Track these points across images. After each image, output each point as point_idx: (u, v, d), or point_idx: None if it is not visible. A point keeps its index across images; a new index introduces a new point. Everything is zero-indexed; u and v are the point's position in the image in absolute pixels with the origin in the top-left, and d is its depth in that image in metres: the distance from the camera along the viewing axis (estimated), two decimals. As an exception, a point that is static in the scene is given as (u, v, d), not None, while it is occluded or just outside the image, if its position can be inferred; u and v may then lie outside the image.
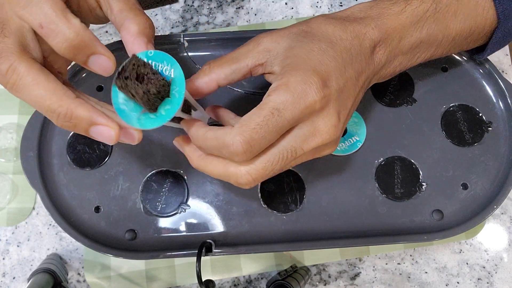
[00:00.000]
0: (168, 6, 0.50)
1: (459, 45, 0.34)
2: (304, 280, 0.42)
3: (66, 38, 0.23)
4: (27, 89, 0.24)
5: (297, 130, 0.27)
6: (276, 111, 0.25)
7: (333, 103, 0.28)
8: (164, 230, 0.37)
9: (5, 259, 0.45)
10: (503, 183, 0.37)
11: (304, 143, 0.27)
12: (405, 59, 0.33)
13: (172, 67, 0.26)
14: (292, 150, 0.27)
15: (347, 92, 0.29)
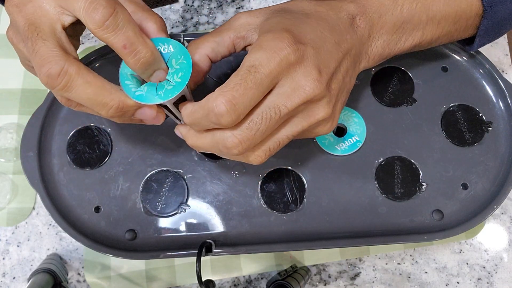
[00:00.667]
0: (168, 6, 0.50)
1: (448, 32, 0.34)
2: (304, 280, 0.42)
3: (143, 57, 0.26)
4: (79, 89, 0.26)
5: (278, 88, 0.27)
6: (253, 68, 0.26)
7: (310, 58, 0.27)
8: (164, 230, 0.37)
9: (5, 259, 0.45)
10: (503, 183, 0.37)
11: (287, 100, 0.27)
12: (392, 41, 0.33)
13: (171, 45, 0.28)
14: (276, 108, 0.27)
15: (327, 52, 0.28)
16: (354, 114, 0.39)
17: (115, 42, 0.25)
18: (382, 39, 0.32)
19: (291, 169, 0.38)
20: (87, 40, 0.49)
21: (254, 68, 0.26)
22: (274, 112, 0.27)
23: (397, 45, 0.33)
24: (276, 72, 0.26)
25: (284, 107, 0.27)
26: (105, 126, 0.39)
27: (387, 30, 0.32)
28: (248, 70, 0.26)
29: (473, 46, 0.37)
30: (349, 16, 0.31)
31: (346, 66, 0.30)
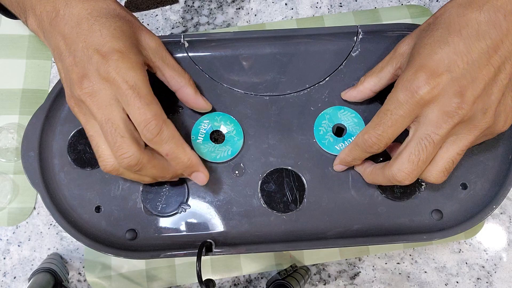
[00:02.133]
0: (169, 7, 0.50)
1: None
2: (304, 280, 0.42)
3: (181, 162, 0.33)
4: (147, 172, 0.32)
5: (424, 117, 0.30)
6: (388, 111, 0.31)
7: (448, 86, 0.29)
8: (165, 229, 0.37)
9: (6, 259, 0.45)
10: (502, 183, 0.37)
11: (437, 128, 0.29)
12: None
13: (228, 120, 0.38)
14: (427, 138, 0.30)
15: (472, 66, 0.29)
16: (354, 114, 0.39)
17: (160, 151, 0.32)
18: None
19: (291, 169, 0.38)
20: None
21: (390, 112, 0.30)
22: (428, 141, 0.30)
23: None
24: (412, 111, 0.30)
25: (435, 134, 0.30)
26: (106, 126, 0.39)
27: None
28: (385, 113, 0.31)
29: None
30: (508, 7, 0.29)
31: (510, 63, 0.29)
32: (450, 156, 0.31)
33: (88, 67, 0.30)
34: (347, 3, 0.51)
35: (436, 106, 0.29)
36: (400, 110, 0.30)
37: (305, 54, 0.41)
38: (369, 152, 0.33)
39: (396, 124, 0.31)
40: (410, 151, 0.31)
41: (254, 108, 0.40)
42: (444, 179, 0.32)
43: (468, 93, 0.29)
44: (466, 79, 0.29)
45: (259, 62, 0.40)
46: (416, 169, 0.31)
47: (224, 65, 0.40)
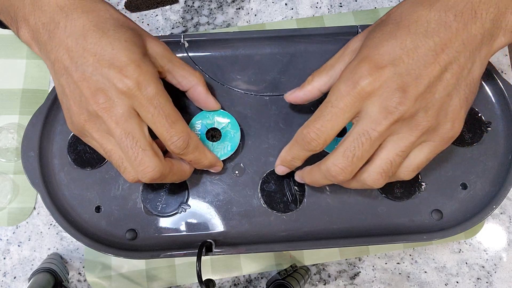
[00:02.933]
0: (169, 7, 0.50)
1: None
2: (304, 280, 0.42)
3: (203, 165, 0.35)
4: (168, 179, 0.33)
5: (364, 113, 0.29)
6: (329, 103, 0.29)
7: (391, 80, 0.28)
8: (165, 229, 0.37)
9: (6, 259, 0.45)
10: (502, 183, 0.37)
11: (375, 124, 0.28)
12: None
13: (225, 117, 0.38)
14: (365, 134, 0.28)
15: (416, 63, 0.28)
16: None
17: (186, 159, 0.34)
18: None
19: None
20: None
21: (331, 104, 0.29)
22: (365, 137, 0.28)
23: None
24: (353, 104, 0.28)
25: (373, 131, 0.28)
26: (106, 126, 0.39)
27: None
28: (325, 105, 0.29)
29: None
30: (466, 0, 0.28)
31: (459, 62, 0.28)
32: (388, 156, 0.29)
33: (102, 82, 0.29)
34: (347, 3, 0.51)
35: (377, 100, 0.28)
36: (340, 102, 0.29)
37: (305, 54, 0.41)
38: (308, 150, 0.31)
39: (336, 118, 0.29)
40: (346, 146, 0.29)
41: (254, 108, 0.40)
42: (382, 182, 0.30)
43: (411, 89, 0.27)
44: (410, 75, 0.28)
45: (259, 62, 0.40)
46: (351, 165, 0.29)
47: (224, 65, 0.40)
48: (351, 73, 0.29)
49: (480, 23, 0.28)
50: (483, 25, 0.28)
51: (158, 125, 0.31)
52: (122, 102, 0.30)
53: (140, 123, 0.31)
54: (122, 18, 0.32)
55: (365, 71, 0.28)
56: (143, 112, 0.30)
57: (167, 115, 0.31)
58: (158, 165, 0.31)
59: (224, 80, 0.40)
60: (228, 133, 0.38)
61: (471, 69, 0.29)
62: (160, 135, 0.31)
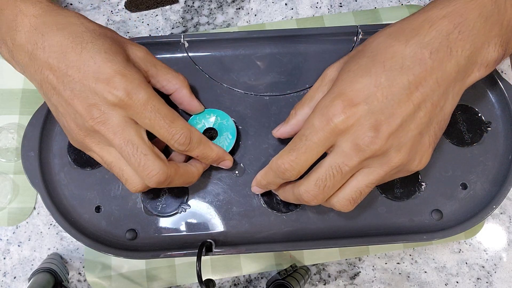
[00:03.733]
0: (169, 7, 0.50)
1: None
2: (304, 280, 0.42)
3: (211, 159, 0.35)
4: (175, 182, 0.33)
5: (337, 147, 0.29)
6: (304, 137, 0.30)
7: (364, 118, 0.28)
8: (165, 229, 0.37)
9: (6, 259, 0.45)
10: (502, 183, 0.37)
11: (347, 159, 0.29)
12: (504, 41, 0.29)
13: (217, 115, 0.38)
14: (337, 167, 0.29)
15: (390, 100, 0.28)
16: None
17: (191, 155, 0.34)
18: (494, 42, 0.29)
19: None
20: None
21: (305, 137, 0.29)
22: (336, 170, 0.29)
23: (510, 45, 0.30)
24: (326, 139, 0.29)
25: (344, 165, 0.29)
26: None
27: (497, 32, 0.29)
28: (300, 138, 0.30)
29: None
30: (443, 35, 0.28)
31: (432, 101, 0.28)
32: (358, 186, 0.30)
33: (92, 97, 0.30)
34: (347, 3, 0.51)
35: (350, 137, 0.28)
36: (314, 137, 0.29)
37: (305, 54, 0.41)
38: (283, 178, 0.31)
39: (310, 151, 0.29)
40: (318, 176, 0.30)
41: (254, 108, 0.40)
42: (351, 208, 0.31)
43: (383, 128, 0.28)
44: (383, 114, 0.28)
45: (259, 62, 0.40)
46: (322, 194, 0.30)
47: (224, 65, 0.40)
48: (326, 108, 0.29)
49: (455, 60, 0.28)
50: (458, 62, 0.28)
51: (157, 128, 0.31)
52: (116, 113, 0.30)
53: (138, 129, 0.31)
54: (98, 28, 0.32)
55: (339, 108, 0.28)
56: (140, 118, 0.30)
57: (164, 116, 0.31)
58: (163, 168, 0.31)
59: (224, 80, 0.40)
60: (221, 125, 0.38)
61: (443, 106, 0.29)
62: (161, 137, 0.31)
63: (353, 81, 0.29)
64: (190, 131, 0.32)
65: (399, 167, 0.30)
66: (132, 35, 0.49)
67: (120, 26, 0.50)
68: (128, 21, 0.50)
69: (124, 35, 0.49)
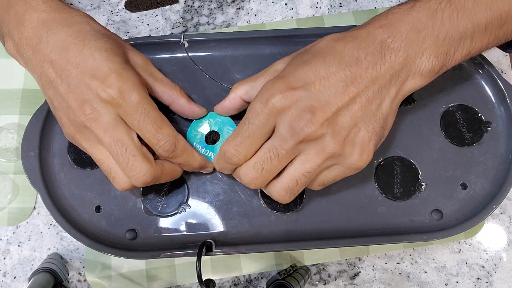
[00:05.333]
0: (169, 7, 0.50)
1: (496, 37, 0.33)
2: (304, 280, 0.42)
3: (193, 167, 0.35)
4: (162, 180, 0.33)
5: (276, 131, 0.30)
6: (246, 120, 0.31)
7: (301, 101, 0.29)
8: (165, 229, 0.37)
9: (6, 259, 0.45)
10: (502, 183, 0.37)
11: (282, 142, 0.30)
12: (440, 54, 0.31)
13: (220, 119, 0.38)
14: (273, 150, 0.30)
15: (327, 90, 0.29)
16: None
17: (175, 162, 0.34)
18: (428, 53, 0.31)
19: (291, 169, 0.38)
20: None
21: (248, 121, 0.30)
22: (273, 153, 0.30)
23: (448, 58, 0.32)
24: (266, 121, 0.30)
25: (280, 148, 0.30)
26: (106, 126, 0.39)
27: (430, 44, 0.31)
28: (243, 123, 0.31)
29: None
30: (377, 42, 0.30)
31: (367, 96, 0.30)
32: (295, 174, 0.31)
33: (86, 93, 0.30)
34: (347, 3, 0.51)
35: (286, 119, 0.29)
36: (256, 120, 0.30)
37: (305, 54, 0.41)
38: (231, 164, 0.32)
39: (253, 134, 0.30)
40: (256, 159, 0.31)
41: (254, 108, 0.40)
42: (287, 198, 0.31)
43: (318, 113, 0.29)
44: (319, 101, 0.29)
45: (259, 62, 0.40)
46: (260, 177, 0.31)
47: (224, 65, 0.40)
48: (265, 90, 0.30)
49: (389, 64, 0.30)
50: (392, 66, 0.30)
51: (144, 131, 0.31)
52: (108, 111, 0.30)
53: (128, 130, 0.31)
54: (102, 29, 0.33)
55: (277, 89, 0.30)
56: (129, 119, 0.31)
57: (153, 121, 0.31)
58: (150, 169, 0.31)
59: (224, 80, 0.40)
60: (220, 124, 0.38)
61: (380, 105, 0.31)
62: (147, 141, 0.32)
63: (294, 70, 0.31)
64: (176, 139, 0.32)
65: (335, 157, 0.30)
66: (132, 35, 0.49)
67: (120, 26, 0.50)
68: (128, 21, 0.50)
69: (124, 35, 0.49)
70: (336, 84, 0.29)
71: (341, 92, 0.29)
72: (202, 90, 0.40)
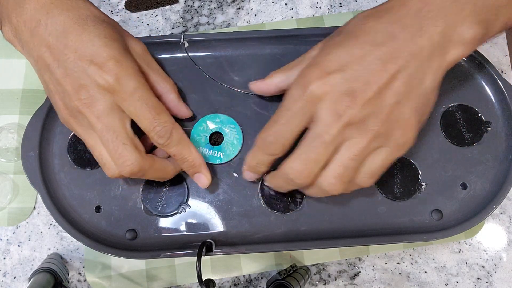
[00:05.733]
0: (169, 7, 0.50)
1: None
2: (304, 280, 0.42)
3: (187, 162, 0.34)
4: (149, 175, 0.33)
5: (316, 117, 0.29)
6: (284, 107, 0.30)
7: (338, 85, 0.29)
8: (165, 229, 0.37)
9: (6, 259, 0.45)
10: (502, 183, 0.37)
11: (327, 128, 0.29)
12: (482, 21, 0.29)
13: None
14: (319, 137, 0.29)
15: (364, 70, 0.29)
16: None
17: (169, 152, 0.33)
18: (469, 21, 0.29)
19: (291, 169, 0.38)
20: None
21: (285, 108, 0.30)
22: (318, 141, 0.29)
23: (489, 25, 0.30)
24: (304, 108, 0.29)
25: (325, 134, 0.29)
26: (106, 126, 0.39)
27: (470, 12, 0.29)
28: (281, 110, 0.31)
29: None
30: (412, 13, 0.29)
31: (408, 71, 0.29)
32: (342, 160, 0.30)
33: (83, 78, 0.30)
34: (347, 3, 0.51)
35: (327, 104, 0.29)
36: (293, 106, 0.30)
37: (305, 54, 0.41)
38: (269, 154, 0.32)
39: (291, 122, 0.30)
40: (301, 150, 0.30)
41: (254, 108, 0.40)
42: (339, 187, 0.31)
43: (359, 94, 0.28)
44: (358, 81, 0.28)
45: (259, 62, 0.40)
46: (307, 168, 0.30)
47: (224, 65, 0.40)
48: (302, 77, 0.30)
49: (427, 36, 0.29)
50: (430, 38, 0.29)
51: (142, 117, 0.31)
52: (104, 98, 0.30)
53: (122, 117, 0.31)
54: (102, 15, 0.33)
55: (314, 75, 0.29)
56: (126, 106, 0.31)
57: (150, 107, 0.31)
58: (138, 159, 0.31)
59: (224, 80, 0.40)
60: (230, 139, 0.38)
61: (422, 80, 0.29)
62: (144, 127, 0.32)
63: (328, 52, 0.30)
64: (173, 126, 0.32)
65: (381, 138, 0.29)
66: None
67: (120, 26, 0.50)
68: (128, 21, 0.50)
69: (124, 35, 0.49)
70: (373, 62, 0.28)
71: (379, 69, 0.28)
72: (202, 90, 0.40)
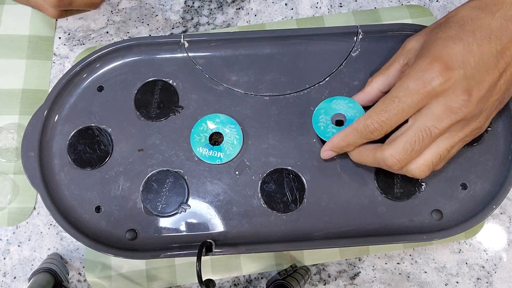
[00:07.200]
0: (169, 7, 0.50)
1: None
2: (304, 280, 0.42)
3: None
4: (77, 4, 0.39)
5: (427, 109, 0.30)
6: (396, 98, 0.30)
7: (459, 82, 0.29)
8: (165, 230, 0.37)
9: (6, 259, 0.45)
10: (502, 183, 0.37)
11: (438, 122, 0.30)
12: None
13: None
14: (427, 130, 0.30)
15: (481, 67, 0.29)
16: (347, 101, 0.39)
17: None
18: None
19: (291, 169, 0.38)
20: (87, 40, 0.49)
21: (398, 99, 0.30)
22: (426, 133, 0.30)
23: None
24: (420, 101, 0.30)
25: (434, 128, 0.30)
26: (106, 126, 0.39)
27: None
28: (392, 100, 0.30)
29: None
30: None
31: (510, 71, 0.30)
32: (439, 150, 0.31)
33: None
34: (347, 3, 0.51)
35: (443, 100, 0.29)
36: (408, 99, 0.30)
37: (305, 54, 0.41)
38: (367, 138, 0.33)
39: (402, 113, 0.30)
40: (406, 140, 0.31)
41: (254, 108, 0.40)
42: (427, 173, 0.32)
43: (474, 92, 0.29)
44: (475, 79, 0.29)
45: (259, 62, 0.40)
46: (408, 158, 0.31)
47: (224, 65, 0.40)
48: (422, 71, 0.30)
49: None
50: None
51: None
52: None
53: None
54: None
55: (437, 71, 0.29)
56: None
57: None
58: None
59: (224, 80, 0.40)
60: (230, 140, 0.38)
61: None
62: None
63: (447, 46, 0.30)
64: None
65: (476, 130, 0.31)
66: (132, 35, 0.49)
67: (120, 26, 0.50)
68: (128, 21, 0.50)
69: (124, 35, 0.49)
70: (489, 60, 0.29)
71: (493, 67, 0.29)
72: (202, 90, 0.40)
